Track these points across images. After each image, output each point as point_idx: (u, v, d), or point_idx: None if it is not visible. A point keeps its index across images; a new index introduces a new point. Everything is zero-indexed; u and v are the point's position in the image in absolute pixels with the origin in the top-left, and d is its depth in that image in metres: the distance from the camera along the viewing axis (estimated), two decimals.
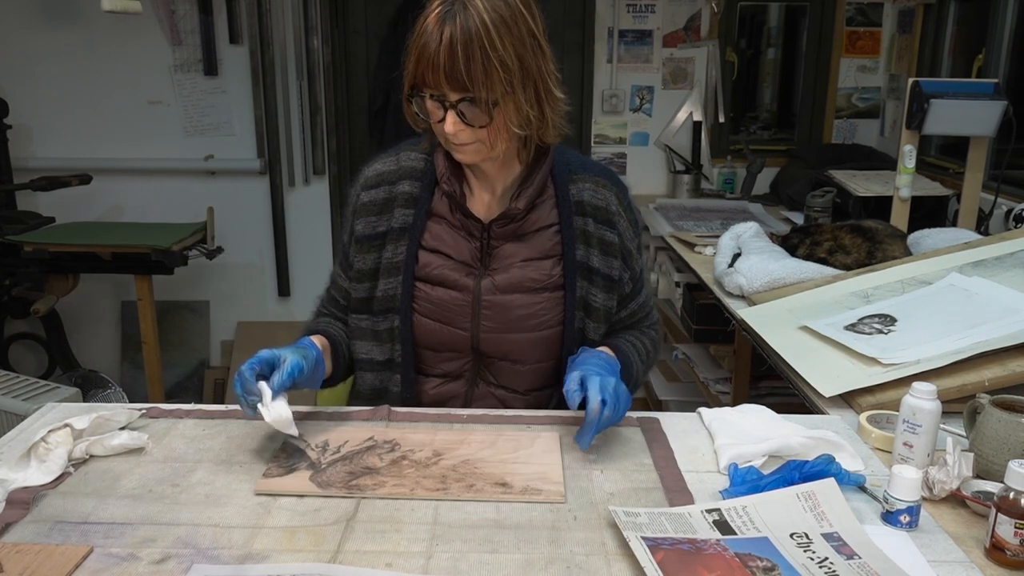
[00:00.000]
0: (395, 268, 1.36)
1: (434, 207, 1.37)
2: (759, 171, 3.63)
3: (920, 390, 1.16)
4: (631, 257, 1.41)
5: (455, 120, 1.22)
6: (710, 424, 1.30)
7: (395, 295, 1.36)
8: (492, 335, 1.35)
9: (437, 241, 1.36)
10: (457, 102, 1.21)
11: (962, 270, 1.75)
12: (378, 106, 3.62)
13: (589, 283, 1.37)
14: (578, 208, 1.37)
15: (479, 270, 1.35)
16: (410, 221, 1.36)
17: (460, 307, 1.35)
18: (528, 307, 1.35)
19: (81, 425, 1.17)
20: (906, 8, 3.53)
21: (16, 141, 3.50)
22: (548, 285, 1.36)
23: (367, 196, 1.38)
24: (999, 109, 2.32)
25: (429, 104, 1.24)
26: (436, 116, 1.25)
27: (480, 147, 1.26)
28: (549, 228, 1.37)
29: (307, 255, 3.82)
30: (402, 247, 1.36)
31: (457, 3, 1.20)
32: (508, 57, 1.19)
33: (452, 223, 1.36)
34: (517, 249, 1.36)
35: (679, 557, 0.93)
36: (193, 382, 3.85)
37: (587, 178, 1.39)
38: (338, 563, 0.94)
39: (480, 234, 1.35)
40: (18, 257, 3.08)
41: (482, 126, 1.23)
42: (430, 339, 1.37)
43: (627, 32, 3.66)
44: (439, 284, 1.35)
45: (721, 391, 2.85)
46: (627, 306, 1.45)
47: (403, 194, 1.37)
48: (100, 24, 3.46)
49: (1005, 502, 0.97)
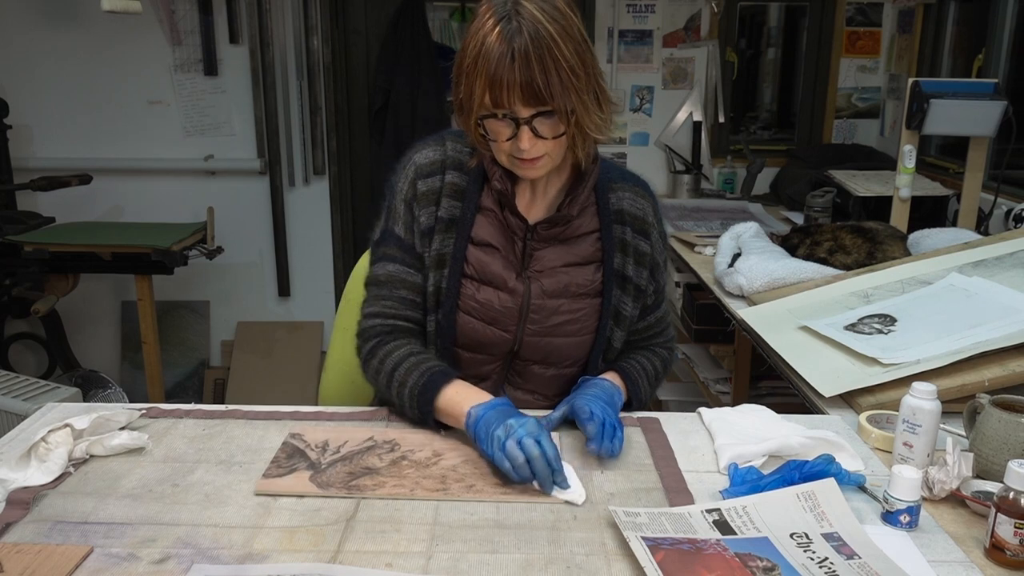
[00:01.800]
0: (442, 260, 1.32)
1: (482, 201, 1.34)
2: (759, 171, 3.63)
3: (920, 390, 1.16)
4: (658, 269, 1.41)
5: (530, 136, 1.20)
6: (710, 424, 1.30)
7: (440, 289, 1.33)
8: (534, 339, 1.34)
9: (485, 234, 1.33)
10: (531, 118, 1.19)
11: (962, 270, 1.75)
12: (378, 106, 3.62)
13: (622, 291, 1.37)
14: (617, 216, 1.37)
15: (524, 271, 1.34)
16: (458, 214, 1.32)
17: (508, 309, 1.33)
18: (571, 312, 1.34)
19: (81, 425, 1.17)
20: (906, 8, 3.53)
21: (16, 141, 3.50)
22: (589, 291, 1.35)
23: (424, 185, 1.33)
24: (999, 109, 2.32)
25: (496, 124, 1.22)
26: (504, 136, 1.22)
27: (547, 161, 1.25)
28: (591, 235, 1.36)
29: (307, 255, 3.81)
30: (449, 240, 1.32)
31: (512, 15, 1.16)
32: (576, 64, 1.18)
33: (499, 218, 1.34)
34: (559, 254, 1.34)
35: (679, 557, 0.93)
36: (193, 382, 3.85)
37: (626, 187, 1.39)
38: (338, 563, 0.94)
39: (524, 235, 1.33)
40: (18, 257, 3.08)
41: (556, 137, 1.21)
42: (471, 338, 1.34)
43: (627, 32, 3.66)
44: (488, 284, 1.33)
45: (721, 391, 2.85)
46: (646, 318, 1.43)
47: (450, 184, 1.33)
48: (100, 24, 3.46)
49: (1005, 502, 0.97)
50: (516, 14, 1.16)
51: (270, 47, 3.56)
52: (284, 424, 1.29)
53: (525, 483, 1.10)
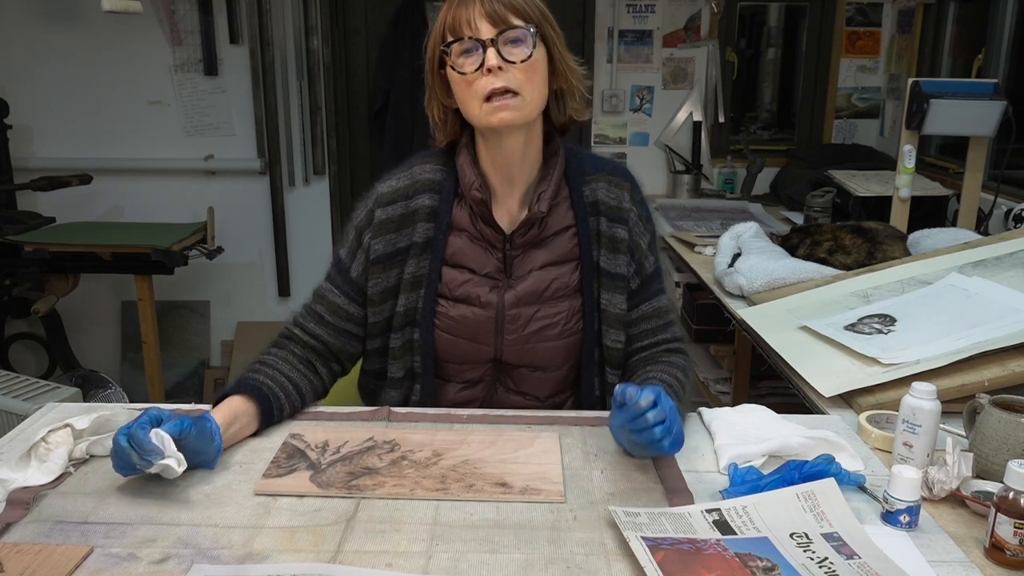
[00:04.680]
0: (417, 282, 1.33)
1: (454, 219, 1.34)
2: (759, 171, 3.63)
3: (920, 390, 1.16)
4: (639, 251, 1.37)
5: (497, 57, 1.20)
6: (710, 424, 1.30)
7: (415, 309, 1.33)
8: (515, 347, 1.34)
9: (460, 255, 1.33)
10: (498, 35, 1.21)
11: (962, 270, 1.75)
12: (378, 106, 3.62)
13: (604, 287, 1.34)
14: (592, 208, 1.35)
15: (502, 282, 1.33)
16: (431, 235, 1.33)
17: (483, 323, 1.32)
18: (549, 317, 1.33)
19: (81, 425, 1.17)
20: (906, 8, 3.53)
21: (16, 141, 3.50)
22: (567, 292, 1.34)
23: (383, 213, 1.33)
24: (999, 109, 2.32)
25: (460, 59, 1.23)
26: (470, 66, 1.22)
27: (520, 102, 1.23)
28: (566, 231, 1.35)
29: (307, 255, 3.82)
30: (424, 261, 1.33)
31: None
32: (542, 3, 1.25)
33: (473, 235, 1.33)
34: (537, 257, 1.34)
35: (679, 557, 0.93)
36: (193, 382, 3.85)
37: (601, 177, 1.37)
38: (338, 563, 0.94)
39: (502, 245, 1.33)
40: (18, 257, 3.08)
41: (524, 60, 1.21)
42: (452, 353, 1.35)
43: (627, 32, 3.67)
44: (462, 302, 1.33)
45: (721, 391, 2.86)
46: (639, 307, 1.38)
47: (423, 208, 1.33)
48: (100, 24, 3.46)
49: (1005, 502, 0.97)
50: None
51: (270, 47, 3.56)
52: (284, 424, 1.29)
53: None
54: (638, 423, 1.07)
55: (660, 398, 1.07)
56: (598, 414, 1.34)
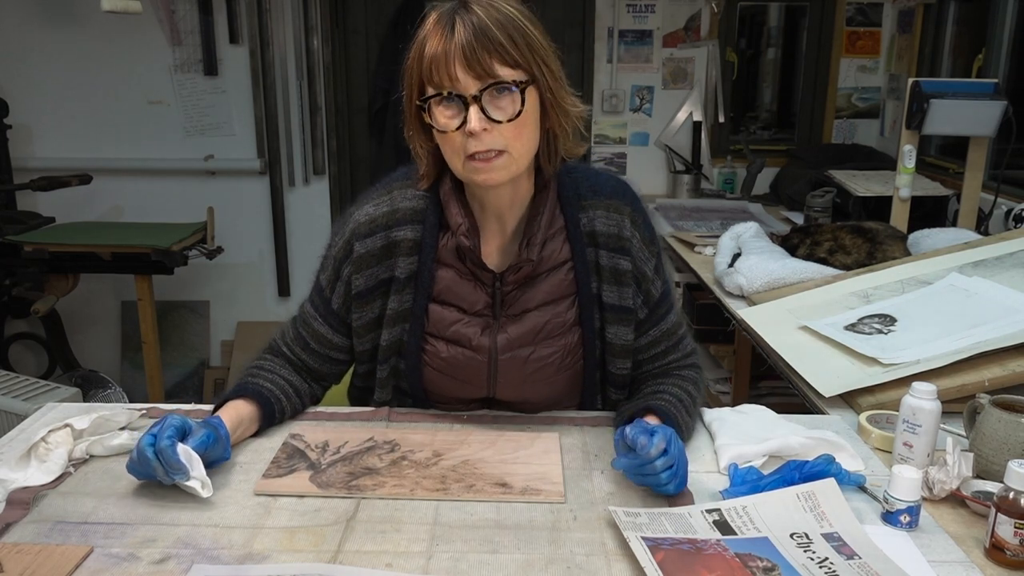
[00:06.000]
0: (401, 317, 1.26)
1: (440, 254, 1.25)
2: (759, 171, 3.63)
3: (920, 390, 1.16)
4: (646, 280, 1.28)
5: (480, 116, 1.08)
6: (710, 424, 1.30)
7: (400, 342, 1.27)
8: (509, 387, 1.28)
9: (448, 293, 1.25)
10: (481, 92, 1.08)
11: (962, 270, 1.75)
12: (378, 106, 3.62)
13: (602, 319, 1.27)
14: (590, 239, 1.25)
15: (494, 322, 1.25)
16: (415, 269, 1.24)
17: (476, 366, 1.26)
18: (545, 358, 1.25)
19: (81, 425, 1.17)
20: (906, 8, 3.53)
21: (16, 141, 3.50)
22: (565, 328, 1.26)
23: (362, 247, 1.24)
24: (999, 109, 2.32)
25: (440, 112, 1.11)
26: (451, 124, 1.10)
27: (508, 160, 1.12)
28: (563, 266, 1.25)
29: (307, 255, 3.81)
30: (408, 296, 1.25)
31: (459, 8, 1.11)
32: (532, 32, 1.10)
33: (461, 271, 1.25)
34: (532, 294, 1.25)
35: (679, 557, 0.93)
36: (193, 382, 3.85)
37: (598, 203, 1.25)
38: (338, 563, 0.94)
39: (493, 283, 1.24)
40: (18, 257, 3.08)
41: (511, 119, 1.09)
42: (440, 390, 1.30)
43: (627, 32, 3.66)
44: (453, 343, 1.25)
45: (721, 391, 2.86)
46: (648, 332, 1.31)
47: (405, 241, 1.24)
48: (100, 24, 3.46)
49: (1005, 502, 0.97)
50: (461, 9, 1.11)
51: (270, 47, 3.56)
52: (284, 425, 1.30)
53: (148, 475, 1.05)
54: (645, 469, 1.04)
55: (671, 443, 1.04)
56: (598, 414, 1.34)
